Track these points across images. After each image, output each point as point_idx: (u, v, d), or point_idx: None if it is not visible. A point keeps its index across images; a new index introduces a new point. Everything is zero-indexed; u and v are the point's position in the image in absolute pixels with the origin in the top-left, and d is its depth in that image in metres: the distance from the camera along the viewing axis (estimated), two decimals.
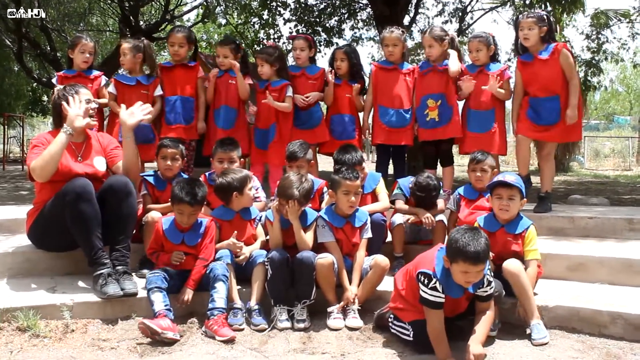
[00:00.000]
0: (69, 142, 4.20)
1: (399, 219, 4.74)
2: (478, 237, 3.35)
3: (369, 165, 5.22)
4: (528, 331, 3.77)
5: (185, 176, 4.86)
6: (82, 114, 4.19)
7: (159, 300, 3.78)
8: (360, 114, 6.16)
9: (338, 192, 4.30)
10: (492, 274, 3.63)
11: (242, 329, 3.86)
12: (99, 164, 4.40)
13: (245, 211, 4.48)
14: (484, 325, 3.52)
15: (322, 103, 6.23)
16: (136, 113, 4.40)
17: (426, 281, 3.44)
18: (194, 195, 4.11)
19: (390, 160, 6.15)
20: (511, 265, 3.82)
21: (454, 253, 3.36)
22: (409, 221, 4.72)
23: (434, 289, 3.42)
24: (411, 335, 3.60)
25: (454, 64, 5.72)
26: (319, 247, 4.26)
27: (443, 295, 3.43)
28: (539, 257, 4.05)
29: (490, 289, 3.54)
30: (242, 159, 4.98)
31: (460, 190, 4.88)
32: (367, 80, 6.25)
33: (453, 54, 5.79)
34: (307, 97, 5.89)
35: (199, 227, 4.20)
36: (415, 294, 3.57)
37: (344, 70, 6.02)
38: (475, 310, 3.60)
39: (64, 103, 4.21)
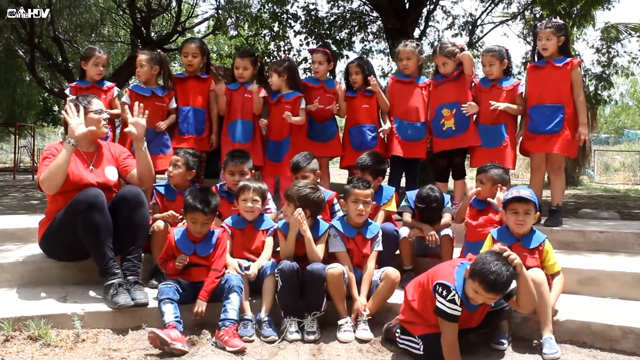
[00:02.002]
0: (80, 152, 4.25)
1: (404, 232, 4.75)
2: (505, 270, 3.33)
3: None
4: (537, 344, 3.76)
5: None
6: (82, 121, 4.21)
7: (170, 312, 3.78)
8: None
9: (348, 201, 4.36)
10: None
11: (252, 340, 3.86)
12: (111, 174, 4.42)
13: (258, 221, 4.50)
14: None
15: (337, 117, 6.24)
16: (139, 120, 4.42)
17: (444, 293, 3.43)
18: (207, 203, 4.13)
19: (404, 173, 6.15)
20: (535, 274, 3.78)
21: (476, 271, 3.36)
22: (413, 236, 4.72)
23: (452, 301, 3.40)
24: (421, 349, 3.59)
25: (468, 68, 5.74)
26: (329, 258, 4.28)
27: (460, 309, 3.42)
28: (560, 268, 4.04)
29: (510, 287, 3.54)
30: (252, 171, 4.99)
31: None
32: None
33: (466, 57, 5.76)
34: (317, 102, 5.87)
35: (211, 238, 4.21)
36: (427, 305, 3.56)
37: (360, 83, 6.02)
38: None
39: (64, 113, 4.26)
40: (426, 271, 3.78)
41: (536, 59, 5.79)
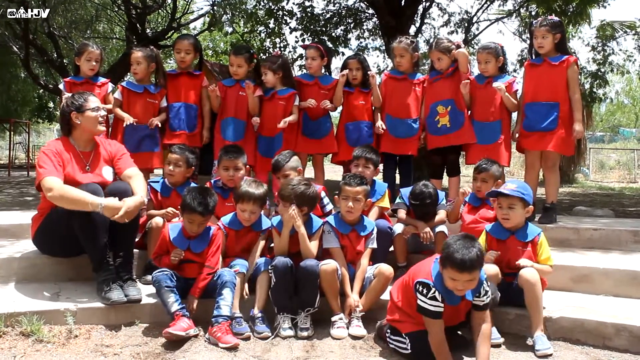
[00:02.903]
0: (77, 152, 4.26)
1: (399, 228, 4.73)
2: (470, 246, 3.32)
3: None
4: (530, 342, 3.77)
5: (194, 184, 4.84)
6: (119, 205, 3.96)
7: (173, 300, 3.80)
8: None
9: (340, 197, 4.38)
10: (489, 284, 3.58)
11: (249, 337, 3.85)
12: (107, 174, 4.38)
13: (255, 223, 4.46)
14: (485, 344, 3.47)
15: (332, 114, 6.22)
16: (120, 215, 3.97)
17: (425, 291, 3.43)
18: (206, 205, 4.10)
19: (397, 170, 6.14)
20: (528, 273, 3.81)
21: (444, 258, 3.36)
22: (407, 234, 4.71)
23: (433, 298, 3.40)
24: (409, 347, 3.58)
25: (463, 65, 5.72)
26: (322, 255, 4.28)
27: (442, 305, 3.41)
28: (552, 263, 4.03)
29: (487, 298, 3.51)
30: (247, 166, 4.97)
31: (466, 198, 4.88)
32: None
33: (461, 54, 5.74)
34: (313, 101, 5.85)
35: (206, 235, 4.20)
36: (412, 304, 3.54)
37: (360, 79, 6.01)
38: (472, 321, 3.56)
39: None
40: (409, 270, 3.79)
41: (533, 57, 5.78)
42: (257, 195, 4.36)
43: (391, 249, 4.78)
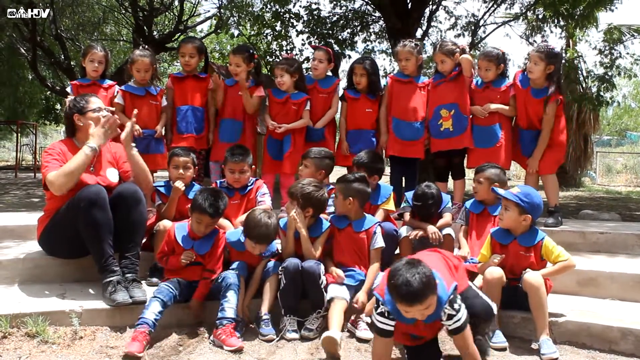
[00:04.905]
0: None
1: (405, 231, 4.71)
2: (414, 273, 2.93)
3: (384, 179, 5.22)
4: (535, 346, 3.76)
5: (198, 186, 4.83)
6: (104, 132, 4.20)
7: (153, 310, 3.72)
8: None
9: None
10: (460, 305, 3.19)
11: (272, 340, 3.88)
12: (112, 175, 4.39)
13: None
14: None
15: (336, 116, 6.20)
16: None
17: (376, 305, 3.25)
18: (217, 208, 4.12)
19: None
20: (532, 277, 3.80)
21: (391, 289, 3.04)
22: (416, 236, 4.67)
23: (382, 314, 3.18)
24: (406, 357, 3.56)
25: (467, 70, 5.68)
26: (325, 260, 4.30)
27: (392, 323, 3.18)
28: (568, 257, 3.95)
29: (458, 322, 3.16)
30: (253, 167, 4.97)
31: (468, 204, 4.87)
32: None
33: (465, 60, 5.67)
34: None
35: (211, 237, 4.21)
36: None
37: (363, 85, 5.95)
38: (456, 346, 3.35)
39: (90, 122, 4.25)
40: None
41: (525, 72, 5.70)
42: (272, 238, 4.26)
43: (397, 251, 4.77)
